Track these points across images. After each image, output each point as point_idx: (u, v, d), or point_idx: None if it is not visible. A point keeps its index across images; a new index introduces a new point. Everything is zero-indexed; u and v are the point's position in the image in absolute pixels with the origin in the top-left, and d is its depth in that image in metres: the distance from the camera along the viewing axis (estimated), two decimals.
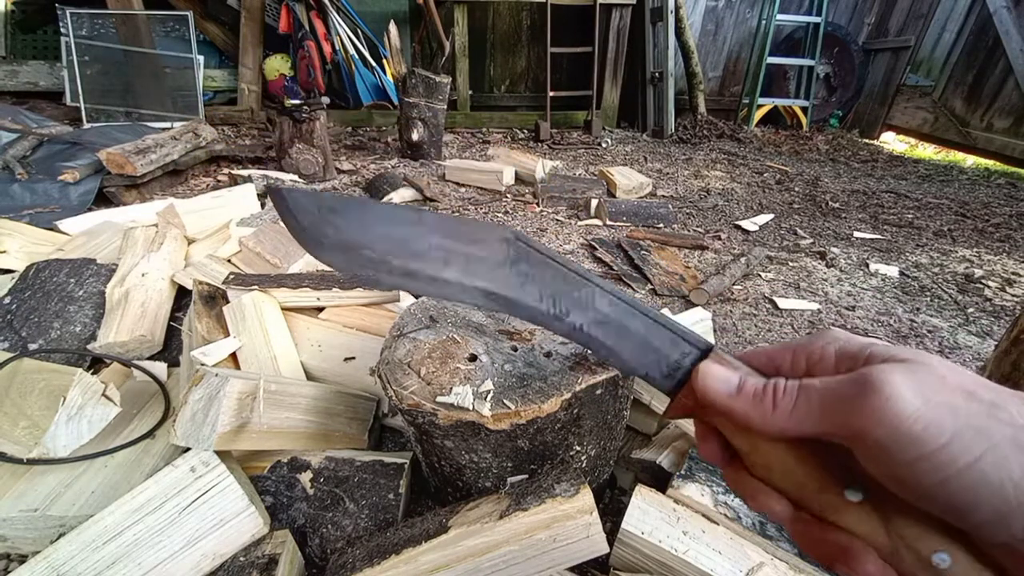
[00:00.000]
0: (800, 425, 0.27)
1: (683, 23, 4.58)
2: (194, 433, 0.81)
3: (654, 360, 0.33)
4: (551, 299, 0.35)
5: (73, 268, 1.40)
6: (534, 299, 0.35)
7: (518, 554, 0.68)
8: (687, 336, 0.33)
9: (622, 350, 0.34)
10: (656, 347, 0.33)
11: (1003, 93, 4.32)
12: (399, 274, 0.34)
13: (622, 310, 0.34)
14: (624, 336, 0.34)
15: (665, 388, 0.33)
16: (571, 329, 0.34)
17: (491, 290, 0.34)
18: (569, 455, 0.82)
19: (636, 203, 2.69)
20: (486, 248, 0.35)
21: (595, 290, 0.34)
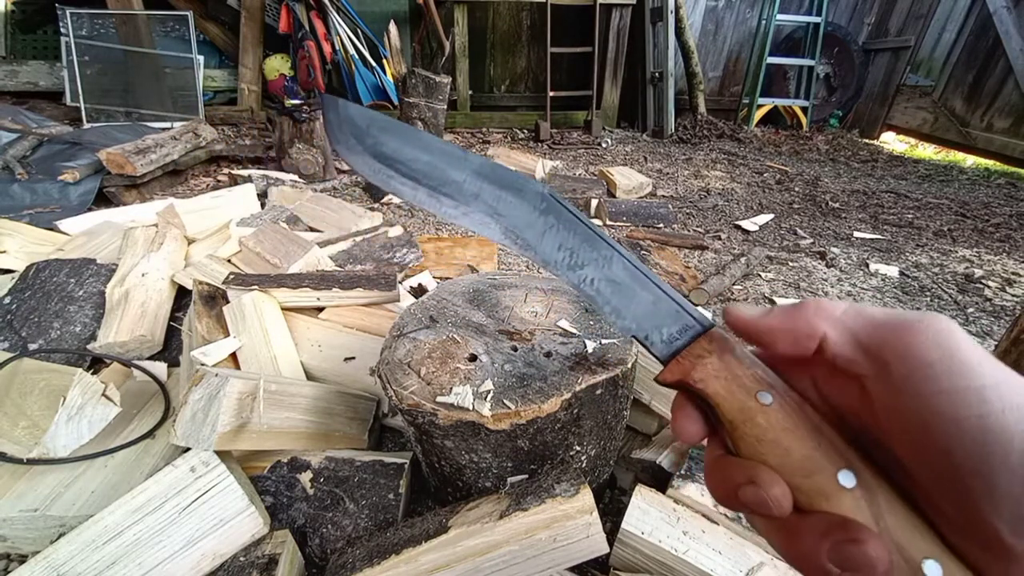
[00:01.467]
0: (844, 334, 0.26)
1: (683, 23, 4.58)
2: (194, 433, 0.81)
3: (655, 327, 0.34)
4: (569, 251, 0.36)
5: (73, 268, 1.40)
6: (552, 247, 0.36)
7: (518, 554, 0.68)
8: (691, 311, 0.34)
9: (627, 311, 0.35)
10: (660, 315, 0.34)
11: (1003, 93, 4.32)
12: (426, 193, 0.36)
13: (635, 276, 0.35)
14: (632, 299, 0.35)
15: (661, 355, 0.34)
16: (581, 281, 0.35)
17: (513, 228, 0.36)
18: (569, 455, 0.82)
19: (636, 203, 2.69)
20: (519, 195, 0.36)
21: (614, 254, 0.35)
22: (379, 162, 0.36)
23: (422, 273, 1.70)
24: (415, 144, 0.36)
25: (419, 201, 0.36)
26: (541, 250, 0.36)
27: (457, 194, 0.36)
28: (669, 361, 0.33)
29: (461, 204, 0.36)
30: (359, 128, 0.36)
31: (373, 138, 0.36)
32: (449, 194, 0.36)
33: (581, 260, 0.35)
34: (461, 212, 0.36)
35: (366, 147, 0.36)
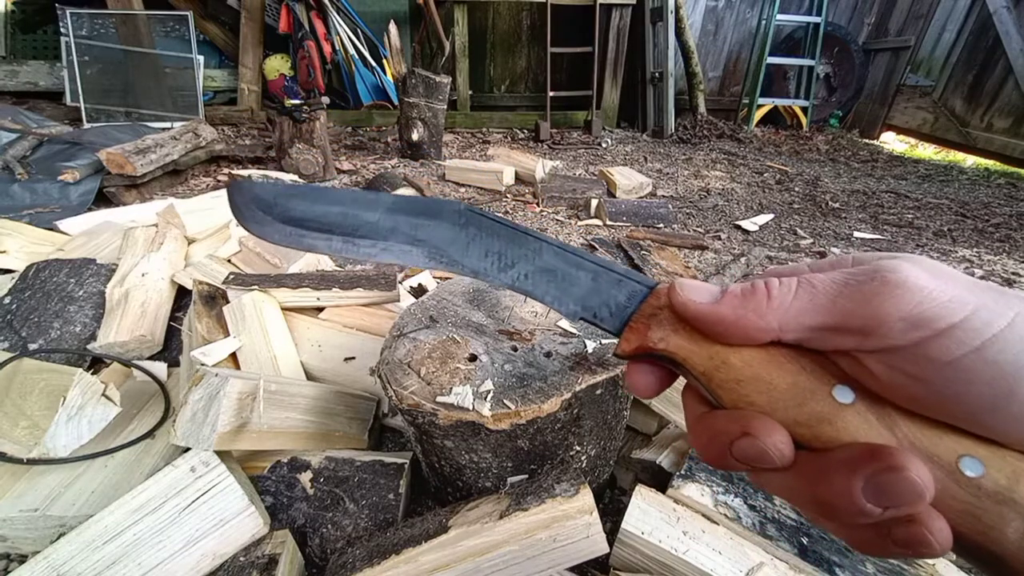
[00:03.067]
0: (800, 318, 0.23)
1: (683, 23, 4.58)
2: (194, 433, 0.81)
3: (601, 302, 0.33)
4: (497, 255, 0.35)
5: (73, 268, 1.40)
6: (478, 255, 0.35)
7: (518, 554, 0.68)
8: (633, 276, 0.33)
9: (568, 296, 0.34)
10: (603, 290, 0.33)
11: (1003, 93, 4.32)
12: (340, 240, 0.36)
13: (568, 259, 0.34)
14: (571, 282, 0.34)
15: (614, 327, 0.33)
16: (516, 279, 0.35)
17: (435, 250, 0.35)
18: (569, 455, 0.82)
19: (636, 203, 2.69)
20: (437, 216, 0.36)
21: (542, 244, 0.35)
22: (289, 225, 0.36)
23: (422, 273, 1.70)
24: (325, 200, 0.36)
25: (335, 250, 0.36)
26: (468, 262, 0.35)
27: (373, 233, 0.35)
28: (623, 331, 0.32)
29: (378, 241, 0.35)
30: (266, 202, 0.36)
31: (281, 207, 0.36)
32: (365, 235, 0.35)
33: (510, 259, 0.35)
34: (380, 249, 0.36)
35: (274, 216, 0.36)
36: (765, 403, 0.24)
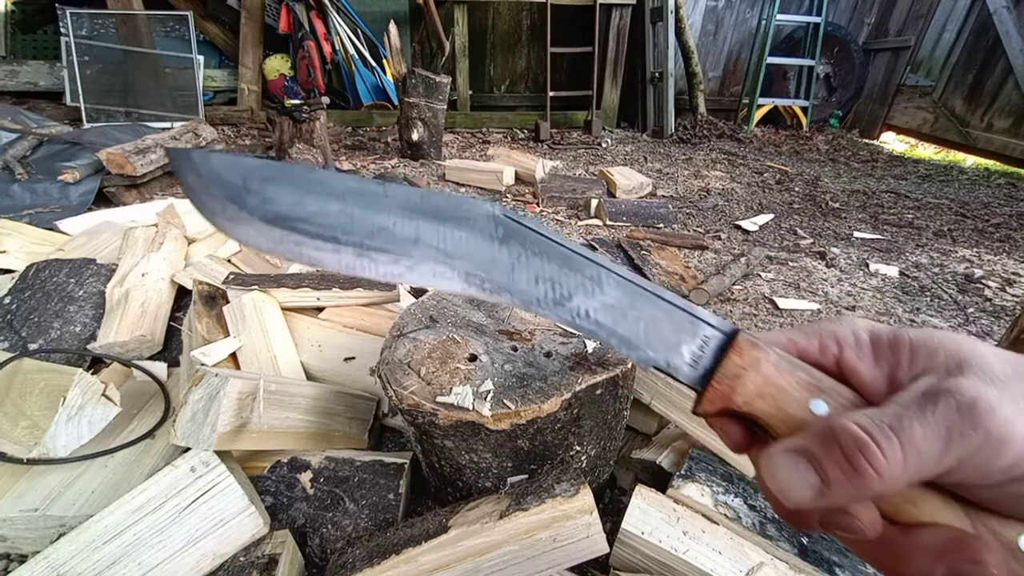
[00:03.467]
0: (906, 478, 0.23)
1: (683, 23, 4.58)
2: (194, 433, 0.81)
3: (674, 346, 0.29)
4: (549, 282, 0.29)
5: (73, 268, 1.40)
6: (528, 282, 0.29)
7: (518, 554, 0.68)
8: (708, 319, 0.29)
9: (637, 337, 0.29)
10: (675, 332, 0.29)
11: (1003, 93, 4.32)
12: (351, 253, 0.28)
13: (633, 291, 0.29)
14: (639, 323, 0.29)
15: (691, 379, 0.29)
16: (575, 316, 0.29)
17: (474, 272, 0.29)
18: (569, 455, 0.82)
19: (636, 203, 2.69)
20: (467, 225, 0.29)
21: (601, 271, 0.29)
22: (276, 227, 0.27)
23: None
24: (315, 189, 0.28)
25: (347, 266, 0.28)
26: (517, 289, 0.29)
27: (391, 244, 0.28)
28: (702, 387, 0.28)
29: (401, 256, 0.28)
30: (233, 186, 0.27)
31: (256, 195, 0.27)
32: (381, 247, 0.28)
33: (566, 290, 0.29)
34: (404, 267, 0.28)
35: (251, 210, 0.27)
36: None
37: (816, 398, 0.26)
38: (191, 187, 0.27)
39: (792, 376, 0.26)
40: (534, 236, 0.29)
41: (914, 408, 0.23)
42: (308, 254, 0.28)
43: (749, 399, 0.27)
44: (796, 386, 0.26)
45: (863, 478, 0.22)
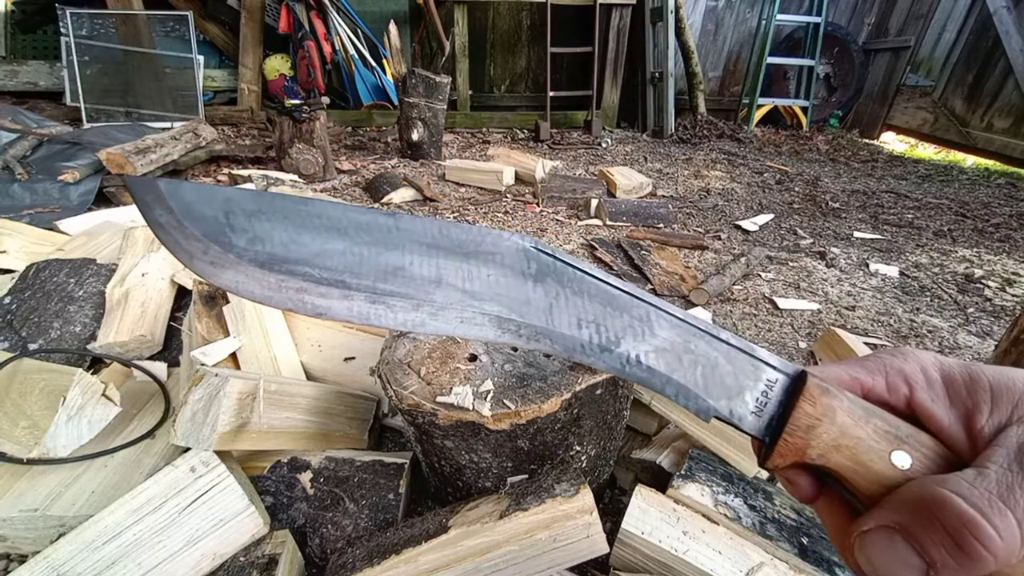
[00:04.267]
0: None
1: (683, 23, 4.58)
2: (194, 433, 0.81)
3: (736, 393, 0.26)
4: (594, 325, 0.26)
5: (73, 268, 1.40)
6: (570, 326, 0.26)
7: (518, 554, 0.68)
8: (770, 360, 0.26)
9: (695, 384, 0.26)
10: (736, 377, 0.26)
11: (1003, 93, 4.32)
12: (364, 299, 0.24)
13: (687, 331, 0.27)
14: (694, 366, 0.26)
15: (757, 430, 0.26)
16: (624, 363, 0.26)
17: (507, 316, 0.25)
18: (569, 455, 0.82)
19: (636, 203, 2.69)
20: (495, 261, 0.26)
21: (649, 309, 0.26)
22: (271, 271, 0.23)
23: None
24: (312, 224, 0.24)
25: (360, 315, 0.24)
26: (557, 334, 0.26)
27: (409, 288, 0.24)
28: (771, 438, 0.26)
29: (422, 301, 0.25)
30: (213, 222, 0.23)
31: (243, 233, 0.23)
32: (398, 291, 0.24)
33: (612, 333, 0.26)
34: (427, 314, 0.25)
35: (239, 252, 0.23)
36: None
37: (898, 450, 0.24)
38: (161, 225, 0.22)
39: (869, 425, 0.24)
40: (571, 272, 0.26)
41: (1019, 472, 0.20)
42: (313, 303, 0.23)
43: (824, 451, 0.24)
44: (875, 436, 0.24)
45: (975, 561, 0.20)
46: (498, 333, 0.25)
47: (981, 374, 0.24)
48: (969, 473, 0.21)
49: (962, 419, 0.24)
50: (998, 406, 0.23)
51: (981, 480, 0.21)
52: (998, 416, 0.23)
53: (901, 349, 0.27)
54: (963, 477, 0.21)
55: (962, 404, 0.24)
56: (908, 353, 0.27)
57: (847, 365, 0.27)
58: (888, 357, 0.27)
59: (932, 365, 0.26)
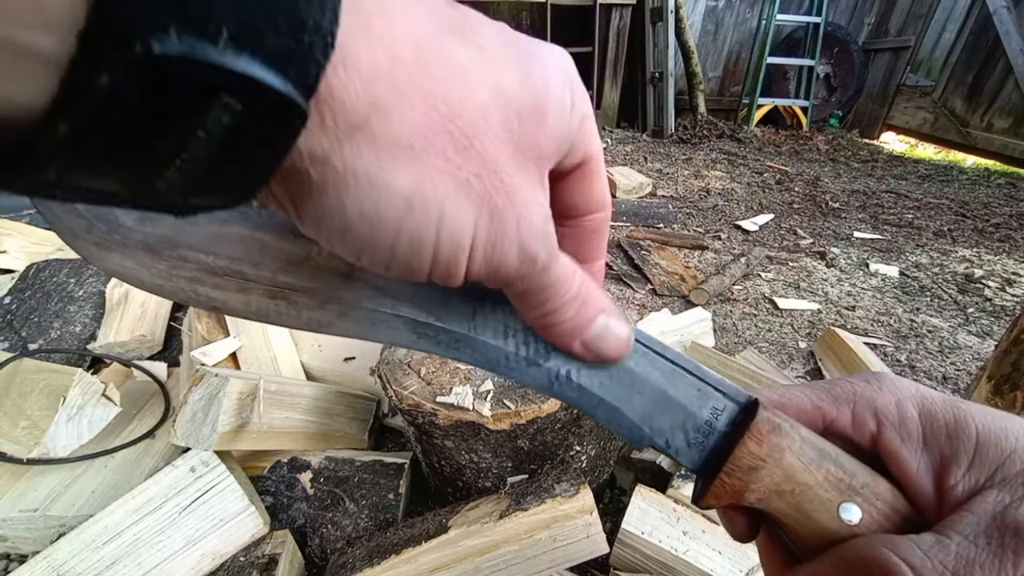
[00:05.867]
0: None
1: (683, 23, 4.58)
2: (194, 433, 0.81)
3: (675, 422, 0.24)
4: (521, 334, 0.23)
5: (73, 268, 1.40)
6: (495, 334, 0.23)
7: (518, 554, 0.68)
8: (719, 385, 0.24)
9: (630, 408, 0.23)
10: (677, 402, 0.24)
11: (1003, 93, 4.32)
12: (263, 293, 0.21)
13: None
14: (631, 386, 0.23)
15: (691, 462, 0.24)
16: (552, 379, 0.23)
17: (424, 320, 0.22)
18: (569, 455, 0.82)
19: (636, 203, 2.69)
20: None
21: None
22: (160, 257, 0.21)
23: None
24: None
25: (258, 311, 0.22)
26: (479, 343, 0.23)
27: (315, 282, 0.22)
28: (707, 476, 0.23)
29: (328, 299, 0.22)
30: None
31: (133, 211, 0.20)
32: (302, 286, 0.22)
33: (542, 345, 0.23)
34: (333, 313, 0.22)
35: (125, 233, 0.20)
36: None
37: (849, 501, 0.21)
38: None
39: (820, 471, 0.22)
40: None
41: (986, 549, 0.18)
42: (207, 295, 0.21)
43: (765, 496, 0.22)
44: (825, 484, 0.21)
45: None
46: (413, 339, 0.23)
47: (969, 418, 0.21)
48: (926, 539, 0.19)
49: (934, 468, 0.21)
50: (980, 461, 0.20)
51: (938, 551, 0.18)
52: (977, 473, 0.20)
53: (879, 375, 0.24)
54: (918, 543, 0.19)
55: (938, 451, 0.21)
56: (885, 382, 0.23)
57: (813, 390, 0.24)
58: (861, 385, 0.24)
59: (910, 399, 0.22)
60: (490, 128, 0.16)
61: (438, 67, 0.15)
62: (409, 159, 0.15)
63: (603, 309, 0.22)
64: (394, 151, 0.15)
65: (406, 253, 0.16)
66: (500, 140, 0.16)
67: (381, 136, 0.14)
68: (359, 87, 0.14)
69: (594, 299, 0.22)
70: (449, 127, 0.15)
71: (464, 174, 0.16)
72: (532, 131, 0.17)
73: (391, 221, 0.16)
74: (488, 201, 0.17)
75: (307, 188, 0.15)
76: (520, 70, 0.17)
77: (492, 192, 0.17)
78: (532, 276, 0.19)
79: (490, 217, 0.17)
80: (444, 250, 0.17)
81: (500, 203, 0.17)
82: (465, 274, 0.18)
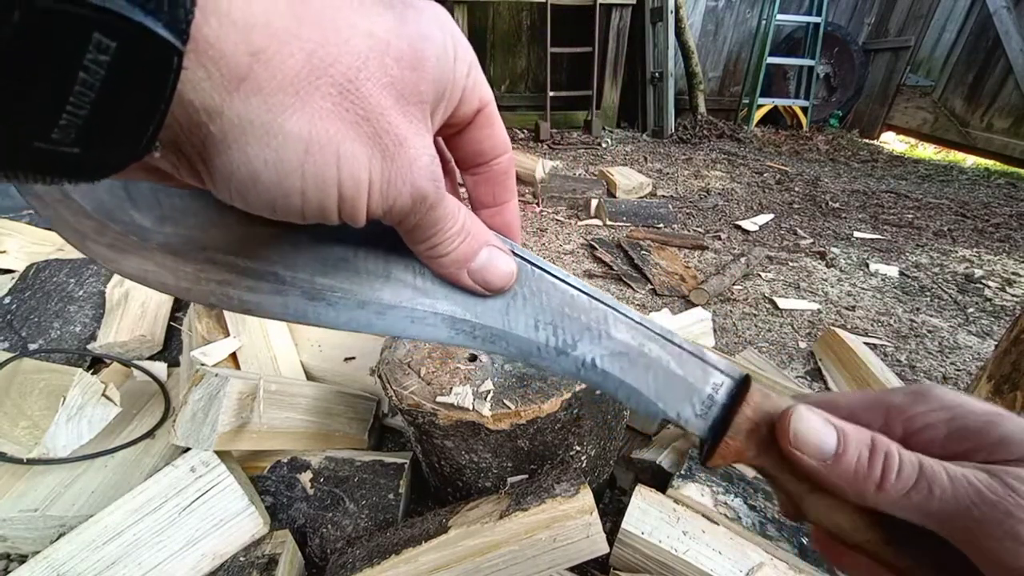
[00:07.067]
0: (906, 513, 0.22)
1: (683, 23, 4.58)
2: (194, 433, 0.81)
3: (684, 397, 0.27)
4: (551, 327, 0.25)
5: (73, 268, 1.40)
6: (527, 328, 0.25)
7: (518, 554, 0.68)
8: (717, 364, 0.27)
9: (646, 387, 0.26)
10: (685, 380, 0.27)
11: (1003, 93, 4.32)
12: (300, 295, 0.21)
13: (642, 335, 0.26)
14: (647, 369, 0.26)
15: (699, 430, 0.27)
16: (579, 366, 0.26)
17: (461, 317, 0.24)
18: (569, 455, 0.82)
19: (636, 203, 2.69)
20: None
21: (607, 311, 0.26)
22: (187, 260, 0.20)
23: None
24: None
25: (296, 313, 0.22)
26: (513, 337, 0.25)
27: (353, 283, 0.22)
28: (712, 440, 0.27)
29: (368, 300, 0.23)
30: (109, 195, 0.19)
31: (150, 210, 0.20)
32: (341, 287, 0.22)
33: (570, 335, 0.26)
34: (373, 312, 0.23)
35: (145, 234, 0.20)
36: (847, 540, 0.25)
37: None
38: (39, 196, 0.18)
39: None
40: (529, 269, 0.25)
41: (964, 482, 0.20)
42: (240, 298, 0.20)
43: (759, 453, 0.26)
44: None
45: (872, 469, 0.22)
46: (451, 335, 0.24)
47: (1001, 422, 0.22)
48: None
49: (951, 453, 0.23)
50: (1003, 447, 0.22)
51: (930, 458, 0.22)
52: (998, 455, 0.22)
53: (925, 387, 0.25)
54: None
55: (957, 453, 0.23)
56: (926, 394, 0.24)
57: (853, 396, 0.26)
58: (900, 396, 0.25)
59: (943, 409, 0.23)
60: (370, 73, 0.17)
61: (313, 15, 0.16)
62: (297, 104, 0.16)
63: (487, 242, 0.24)
64: (281, 97, 0.15)
65: (315, 194, 0.17)
66: (381, 85, 0.17)
67: (266, 84, 0.15)
68: (237, 38, 0.14)
69: (478, 232, 0.23)
70: (330, 71, 0.16)
71: (352, 116, 0.17)
72: (411, 76, 0.18)
73: (294, 164, 0.16)
74: (378, 142, 0.17)
75: (211, 144, 0.15)
76: (395, 19, 0.18)
77: (381, 134, 0.17)
78: (422, 213, 0.20)
79: (382, 157, 0.18)
80: (347, 187, 0.17)
81: (390, 145, 0.18)
82: (368, 213, 0.19)
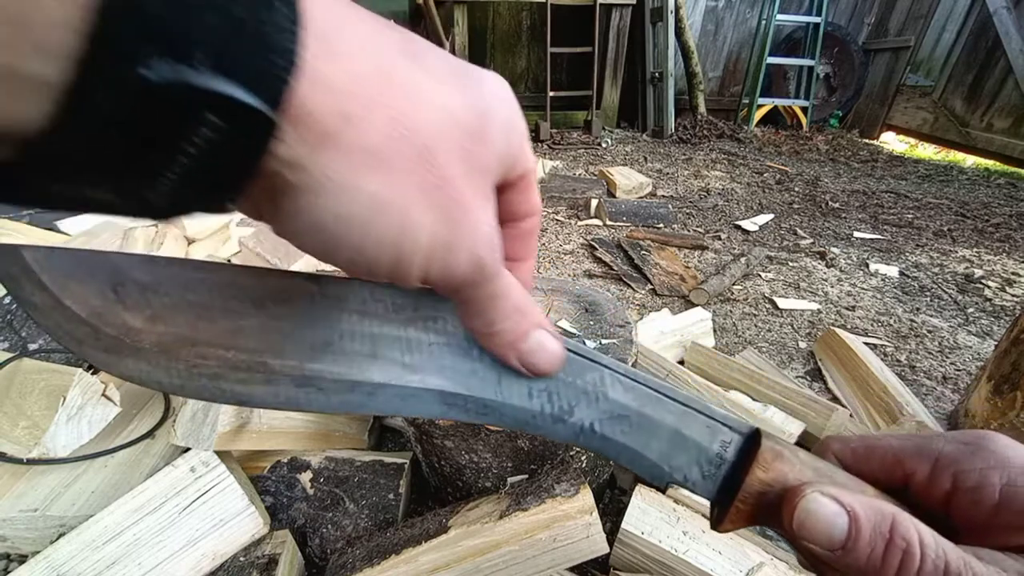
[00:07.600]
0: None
1: (683, 23, 4.58)
2: (194, 433, 0.81)
3: (690, 458, 0.25)
4: (545, 394, 0.24)
5: None
6: (520, 396, 0.24)
7: (518, 554, 0.68)
8: (725, 420, 0.26)
9: (650, 450, 0.25)
10: (690, 440, 0.25)
11: (1003, 93, 4.32)
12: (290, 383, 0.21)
13: (641, 396, 0.25)
14: (649, 431, 0.25)
15: (708, 492, 0.26)
16: (578, 432, 0.25)
17: (452, 391, 0.23)
18: (569, 455, 0.82)
19: (636, 203, 2.69)
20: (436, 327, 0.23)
21: (604, 372, 0.25)
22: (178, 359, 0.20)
23: None
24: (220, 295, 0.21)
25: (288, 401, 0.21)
26: (508, 408, 0.24)
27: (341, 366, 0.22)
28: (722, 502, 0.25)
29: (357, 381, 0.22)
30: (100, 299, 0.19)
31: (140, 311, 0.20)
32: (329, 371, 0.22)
33: (566, 401, 0.25)
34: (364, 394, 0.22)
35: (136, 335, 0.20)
36: None
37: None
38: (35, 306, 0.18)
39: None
40: None
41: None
42: (232, 390, 0.20)
43: (770, 517, 0.24)
44: None
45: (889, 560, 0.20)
46: (444, 410, 0.24)
47: None
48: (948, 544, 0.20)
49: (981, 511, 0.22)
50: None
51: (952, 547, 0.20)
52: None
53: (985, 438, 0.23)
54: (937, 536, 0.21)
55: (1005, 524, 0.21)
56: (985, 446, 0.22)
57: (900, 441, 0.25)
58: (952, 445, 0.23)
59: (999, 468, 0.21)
60: (445, 143, 0.18)
61: (399, 84, 0.17)
62: (377, 165, 0.17)
63: (538, 323, 0.24)
64: (363, 157, 0.16)
65: (372, 252, 0.18)
66: (454, 155, 0.18)
67: (351, 144, 0.16)
68: (332, 101, 0.15)
69: (531, 312, 0.23)
70: (412, 139, 0.17)
71: (425, 183, 0.18)
72: (479, 149, 0.19)
73: (360, 221, 0.17)
74: (445, 210, 0.18)
75: (285, 189, 0.16)
76: (466, 93, 0.19)
77: (449, 202, 0.18)
78: (479, 284, 0.21)
79: (446, 224, 0.18)
80: (405, 251, 0.18)
81: (456, 213, 0.18)
82: (419, 276, 0.19)
